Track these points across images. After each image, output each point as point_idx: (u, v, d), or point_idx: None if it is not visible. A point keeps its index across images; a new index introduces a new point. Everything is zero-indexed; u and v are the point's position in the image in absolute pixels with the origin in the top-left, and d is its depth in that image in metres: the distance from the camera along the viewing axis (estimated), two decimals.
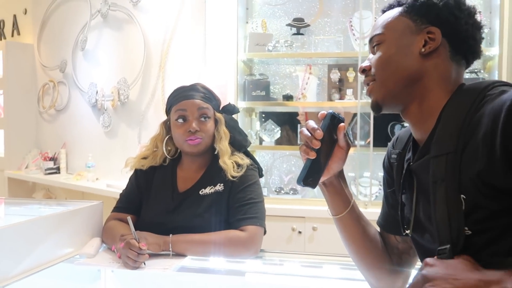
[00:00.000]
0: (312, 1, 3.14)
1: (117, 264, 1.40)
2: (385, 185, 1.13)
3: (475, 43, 0.93)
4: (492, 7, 2.75)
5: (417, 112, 0.94)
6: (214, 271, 1.43)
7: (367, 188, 2.80)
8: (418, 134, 0.96)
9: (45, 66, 4.58)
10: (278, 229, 2.58)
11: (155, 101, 3.53)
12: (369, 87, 0.99)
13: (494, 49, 2.58)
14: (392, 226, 1.10)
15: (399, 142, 1.07)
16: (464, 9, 0.92)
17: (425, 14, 0.93)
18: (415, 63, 0.92)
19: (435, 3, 0.92)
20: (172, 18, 3.40)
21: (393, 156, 1.07)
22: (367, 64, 0.99)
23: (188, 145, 1.61)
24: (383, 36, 0.96)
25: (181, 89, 1.69)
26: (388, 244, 1.12)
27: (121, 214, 1.64)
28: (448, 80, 0.92)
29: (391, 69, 0.95)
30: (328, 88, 3.09)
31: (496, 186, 0.74)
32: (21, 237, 1.27)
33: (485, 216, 0.77)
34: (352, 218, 1.07)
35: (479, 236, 0.78)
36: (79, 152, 4.18)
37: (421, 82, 0.92)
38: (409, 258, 1.10)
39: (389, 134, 2.83)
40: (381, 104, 0.97)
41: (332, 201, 1.06)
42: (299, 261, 1.43)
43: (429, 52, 0.91)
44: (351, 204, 1.06)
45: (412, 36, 0.93)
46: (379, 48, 0.97)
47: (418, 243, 0.98)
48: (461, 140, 0.81)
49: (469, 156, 0.79)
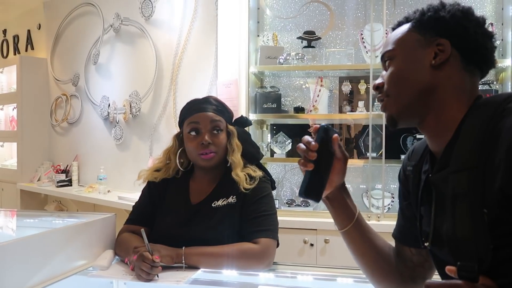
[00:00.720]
0: (323, 14, 3.15)
1: (130, 277, 1.40)
2: (401, 197, 1.12)
3: (486, 52, 0.94)
4: (504, 19, 2.74)
5: (434, 125, 0.94)
6: (227, 284, 1.42)
7: (379, 200, 2.78)
8: (435, 146, 0.96)
9: (58, 79, 4.65)
10: (290, 241, 2.56)
11: (167, 114, 3.56)
12: (383, 103, 1.00)
13: (507, 61, 2.57)
14: (407, 238, 1.10)
15: (415, 154, 1.06)
16: (472, 19, 0.93)
17: (433, 27, 0.94)
18: (427, 75, 0.93)
19: (442, 16, 0.93)
20: (183, 31, 3.44)
21: (408, 168, 1.06)
22: (380, 81, 1.00)
23: (201, 159, 1.61)
24: (394, 51, 0.98)
25: (194, 101, 1.70)
26: (403, 256, 1.11)
27: (134, 226, 1.64)
28: (462, 91, 0.92)
29: (403, 83, 0.95)
30: (339, 100, 3.09)
31: None
32: (35, 249, 1.27)
33: (507, 230, 0.76)
34: (358, 231, 1.08)
35: (500, 250, 0.76)
36: (91, 165, 4.21)
37: (435, 94, 0.92)
38: (423, 271, 1.09)
39: (401, 146, 2.82)
40: (396, 119, 0.98)
41: (337, 215, 1.08)
42: (312, 274, 1.41)
43: (440, 63, 0.92)
44: (356, 217, 1.07)
45: (422, 49, 0.94)
46: (390, 63, 0.98)
47: (437, 256, 0.97)
48: (483, 154, 0.80)
49: (491, 170, 0.78)
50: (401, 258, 1.11)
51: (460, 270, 0.75)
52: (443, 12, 0.93)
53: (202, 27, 3.37)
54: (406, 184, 1.09)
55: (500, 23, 2.80)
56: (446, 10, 0.93)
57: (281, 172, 3.24)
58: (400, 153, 2.80)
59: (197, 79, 3.38)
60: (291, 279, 1.43)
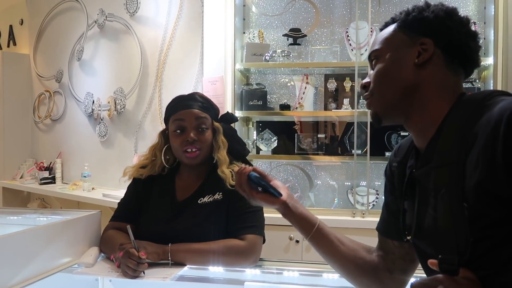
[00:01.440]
0: (309, 12, 3.16)
1: (116, 274, 1.39)
2: (387, 192, 1.15)
3: (469, 51, 0.96)
4: (487, 18, 2.78)
5: (418, 122, 0.97)
6: (213, 280, 1.42)
7: (364, 197, 2.81)
8: (420, 142, 0.98)
9: (41, 76, 4.58)
10: (276, 238, 2.57)
11: (152, 111, 3.54)
12: (368, 101, 1.03)
13: (489, 59, 2.61)
14: (390, 231, 1.13)
15: (401, 150, 1.09)
16: (455, 19, 0.95)
17: (417, 27, 0.97)
18: (410, 73, 0.95)
19: (426, 16, 0.96)
20: (169, 28, 3.42)
21: (394, 164, 1.09)
22: (367, 80, 1.04)
23: (186, 157, 1.61)
24: (380, 51, 1.01)
25: (179, 98, 1.69)
26: (385, 249, 1.15)
27: (120, 223, 1.63)
28: (446, 89, 0.94)
29: (388, 81, 0.98)
30: (325, 98, 3.10)
31: (497, 194, 0.75)
32: (18, 247, 1.25)
33: (486, 224, 0.77)
34: (323, 235, 1.14)
35: (480, 243, 0.78)
36: (75, 162, 4.17)
37: (419, 92, 0.95)
38: (403, 264, 1.12)
39: (385, 143, 2.85)
40: (381, 116, 1.01)
41: (299, 222, 1.15)
42: (298, 270, 1.42)
43: (423, 62, 0.95)
44: (317, 225, 1.14)
45: (407, 48, 0.97)
46: (377, 63, 1.01)
47: (420, 248, 0.99)
48: (463, 150, 0.82)
49: (470, 165, 0.80)
50: (383, 250, 1.15)
51: (441, 263, 0.77)
52: (427, 12, 0.96)
53: (187, 23, 3.35)
54: (392, 180, 1.11)
55: (482, 22, 2.84)
56: (430, 10, 0.96)
57: (267, 169, 3.25)
58: (384, 150, 2.82)
59: (182, 76, 3.36)
60: (277, 275, 1.44)
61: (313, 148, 3.00)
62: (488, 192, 0.76)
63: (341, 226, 2.54)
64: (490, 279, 0.77)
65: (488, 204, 0.77)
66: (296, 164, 3.17)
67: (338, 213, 2.76)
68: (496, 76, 2.52)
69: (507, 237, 0.76)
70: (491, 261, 0.77)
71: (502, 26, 2.50)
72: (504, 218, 0.76)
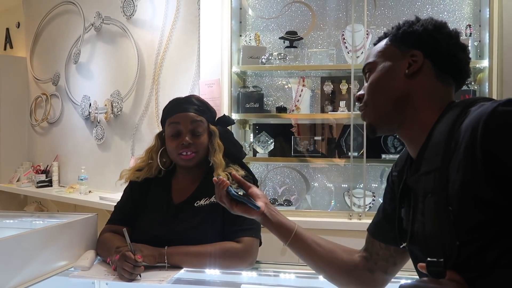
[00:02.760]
0: (305, 15, 3.17)
1: (112, 277, 1.39)
2: (387, 199, 1.17)
3: (458, 62, 0.99)
4: (482, 21, 2.80)
5: (410, 131, 1.00)
6: (210, 283, 1.43)
7: (360, 199, 2.81)
8: (412, 150, 1.02)
9: (38, 79, 4.58)
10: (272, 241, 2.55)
11: (149, 113, 3.54)
12: (363, 112, 1.07)
13: (485, 62, 2.62)
14: (380, 233, 1.17)
15: (400, 161, 1.12)
16: (443, 32, 0.99)
17: (407, 40, 1.01)
18: (401, 84, 0.99)
19: (415, 30, 1.00)
20: (166, 31, 3.43)
21: (394, 174, 1.13)
22: (361, 93, 1.08)
23: (181, 159, 1.62)
24: (373, 64, 1.05)
25: (175, 101, 1.70)
26: (370, 249, 1.18)
27: (116, 226, 1.63)
28: (436, 98, 0.97)
29: (380, 92, 1.02)
30: (321, 100, 3.11)
31: (479, 197, 0.77)
32: (15, 250, 1.26)
33: (471, 227, 0.79)
34: (301, 241, 1.19)
35: (467, 246, 0.79)
36: (72, 165, 4.17)
37: (409, 102, 0.98)
38: (385, 265, 1.16)
39: (382, 145, 2.85)
40: (375, 126, 1.05)
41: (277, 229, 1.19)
42: (294, 272, 1.43)
43: (413, 73, 0.98)
44: (295, 230, 1.19)
45: (398, 60, 1.01)
46: (370, 75, 1.06)
47: (414, 254, 1.01)
48: (446, 155, 0.85)
49: (453, 170, 0.82)
50: (368, 251, 1.19)
51: (428, 266, 0.79)
52: (417, 26, 1.00)
53: (184, 26, 3.36)
54: (393, 188, 1.13)
55: (477, 24, 2.85)
56: (420, 24, 1.00)
57: (263, 171, 3.25)
58: (381, 153, 2.83)
59: (179, 78, 3.37)
60: (274, 277, 1.45)
61: (310, 150, 3.01)
62: (471, 195, 0.78)
63: (337, 228, 2.54)
64: (478, 281, 0.78)
65: (472, 207, 0.78)
66: (293, 167, 3.17)
67: (335, 215, 2.76)
68: (491, 78, 2.54)
69: (492, 239, 0.77)
70: (478, 263, 0.78)
71: (497, 29, 2.52)
72: (489, 220, 0.77)
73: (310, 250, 1.19)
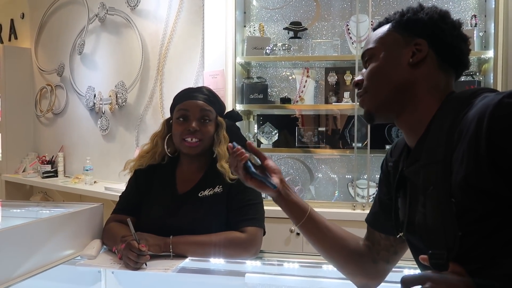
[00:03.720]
0: (309, 5, 3.16)
1: (118, 265, 1.41)
2: (382, 186, 1.17)
3: (460, 53, 0.98)
4: (487, 11, 2.78)
5: (409, 120, 0.99)
6: (214, 272, 1.45)
7: (364, 190, 2.82)
8: (411, 141, 1.01)
9: (43, 70, 4.59)
10: (276, 231, 2.58)
11: (153, 104, 3.55)
12: (361, 98, 1.05)
13: (490, 52, 2.61)
14: (378, 224, 1.17)
15: (396, 150, 1.11)
16: (448, 22, 0.98)
17: (412, 28, 0.99)
18: (404, 73, 0.97)
19: (420, 17, 0.98)
20: (170, 22, 3.42)
21: (389, 164, 1.12)
22: (360, 78, 1.05)
23: (184, 146, 1.62)
24: (374, 50, 1.03)
25: (187, 89, 1.71)
26: (371, 239, 1.18)
27: (121, 215, 1.64)
28: (437, 88, 0.96)
29: (381, 80, 1.00)
30: (325, 91, 3.11)
31: (482, 189, 0.77)
32: (22, 239, 1.27)
33: (473, 218, 0.79)
34: (312, 225, 1.16)
35: (468, 238, 0.80)
36: (77, 156, 4.19)
37: (411, 91, 0.97)
38: (386, 255, 1.16)
39: (386, 136, 2.85)
40: (373, 114, 1.03)
41: (290, 211, 1.17)
42: (298, 262, 1.44)
43: (417, 62, 0.97)
44: (308, 212, 1.15)
45: (401, 48, 0.98)
46: (370, 61, 1.03)
47: (412, 243, 1.02)
48: (449, 147, 0.84)
49: (456, 161, 0.81)
50: (370, 241, 1.18)
51: (431, 258, 0.79)
52: (421, 14, 0.98)
53: (188, 17, 3.36)
54: (388, 176, 1.13)
55: (483, 15, 2.83)
56: (424, 12, 0.98)
57: None
58: (385, 144, 2.83)
59: (183, 69, 3.37)
60: (278, 266, 1.46)
61: (314, 141, 3.01)
62: (474, 187, 0.78)
63: (341, 218, 2.55)
64: (480, 272, 0.78)
65: (475, 199, 0.78)
66: (297, 157, 3.18)
67: (339, 206, 2.77)
68: (496, 69, 2.53)
69: (494, 231, 0.77)
70: (480, 254, 0.79)
71: (502, 19, 2.50)
72: (491, 211, 0.77)
73: (321, 234, 1.17)
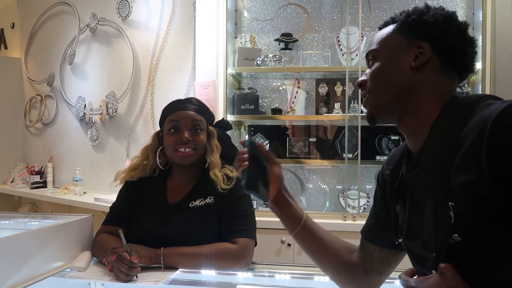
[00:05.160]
0: (300, 17, 3.19)
1: (108, 277, 1.40)
2: (377, 199, 1.17)
3: (465, 57, 0.97)
4: (475, 24, 2.82)
5: (411, 124, 0.98)
6: (205, 284, 1.44)
7: (355, 200, 2.83)
8: (413, 145, 1.00)
9: (33, 80, 4.57)
10: (267, 241, 2.58)
11: (144, 115, 3.54)
12: (365, 99, 1.04)
13: (478, 64, 2.64)
14: (373, 236, 1.16)
15: (393, 159, 1.10)
16: (453, 25, 0.96)
17: (416, 30, 0.97)
18: (406, 76, 0.96)
19: (425, 20, 0.96)
20: (161, 32, 3.43)
21: (386, 172, 1.11)
22: (364, 78, 1.04)
23: (178, 156, 1.62)
24: (377, 51, 1.02)
25: (176, 101, 1.72)
26: (365, 251, 1.17)
27: (112, 227, 1.63)
28: (439, 92, 0.96)
29: (384, 82, 0.99)
30: (316, 102, 3.13)
31: (482, 195, 0.77)
32: (11, 251, 1.26)
33: (474, 223, 0.79)
34: (307, 233, 1.16)
35: (469, 243, 0.80)
36: (67, 166, 4.16)
37: (413, 95, 0.96)
38: (379, 266, 1.15)
39: (376, 147, 2.87)
40: (375, 116, 1.02)
41: (285, 219, 1.16)
42: (289, 273, 1.44)
43: (419, 65, 0.95)
44: (303, 220, 1.15)
45: (404, 51, 0.97)
46: (374, 62, 1.02)
47: (411, 250, 1.01)
48: (450, 151, 0.84)
49: (458, 166, 0.81)
50: (363, 252, 1.18)
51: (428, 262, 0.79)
52: (427, 16, 0.97)
53: (180, 28, 3.37)
54: (383, 187, 1.13)
55: (471, 27, 2.87)
56: (430, 14, 0.97)
57: None
58: (375, 154, 2.85)
59: (174, 80, 3.38)
60: (269, 278, 1.45)
61: (305, 152, 3.02)
62: (475, 193, 0.78)
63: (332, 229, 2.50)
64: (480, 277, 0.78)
65: (475, 205, 0.78)
66: (288, 168, 3.18)
67: (330, 216, 2.77)
68: (485, 80, 2.56)
69: (494, 237, 0.77)
70: (481, 260, 0.79)
71: (490, 32, 2.54)
72: (490, 217, 0.77)
73: (314, 244, 1.17)
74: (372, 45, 1.04)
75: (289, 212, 1.16)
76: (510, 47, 2.52)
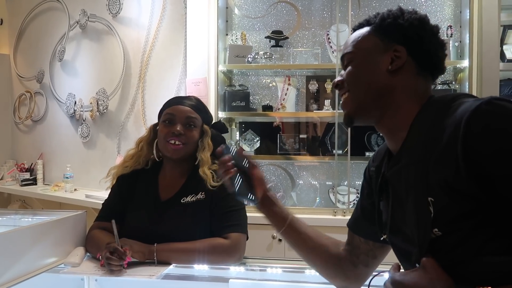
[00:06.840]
0: (290, 14, 3.21)
1: (101, 272, 1.41)
2: (364, 194, 1.20)
3: (438, 60, 1.01)
4: (462, 22, 2.86)
5: (390, 124, 1.00)
6: (198, 278, 1.46)
7: (345, 196, 2.87)
8: (392, 144, 1.03)
9: (22, 76, 4.54)
10: (259, 237, 2.60)
11: (135, 111, 3.54)
12: (343, 100, 1.06)
13: (465, 62, 2.69)
14: (359, 229, 1.20)
15: (378, 156, 1.13)
16: (428, 29, 0.99)
17: (392, 34, 0.99)
18: (383, 79, 0.98)
19: (401, 23, 0.99)
20: (152, 29, 3.43)
21: (371, 169, 1.14)
22: (340, 79, 1.06)
23: (168, 149, 1.64)
24: (353, 54, 1.03)
25: (176, 97, 1.77)
26: (352, 243, 1.21)
27: (104, 223, 1.64)
28: (416, 94, 0.98)
29: (360, 84, 1.01)
30: (306, 99, 3.16)
31: (460, 190, 0.80)
32: (4, 247, 1.27)
33: (452, 217, 0.82)
34: (293, 231, 1.22)
35: (449, 237, 0.83)
36: (57, 163, 4.14)
37: (390, 97, 0.98)
38: (366, 259, 1.19)
39: (365, 143, 2.91)
40: (352, 117, 1.04)
41: (272, 218, 1.22)
42: (281, 267, 1.46)
43: (396, 69, 0.98)
44: (289, 219, 1.21)
45: (380, 54, 0.99)
46: (349, 65, 1.04)
47: (395, 245, 1.04)
48: (429, 149, 0.87)
49: (436, 163, 0.84)
50: (350, 245, 1.21)
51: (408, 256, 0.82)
52: (402, 19, 0.99)
53: (170, 25, 3.37)
54: (370, 183, 1.16)
55: (458, 25, 2.92)
56: (405, 18, 0.99)
57: None
58: (364, 150, 2.88)
59: (165, 77, 3.38)
60: (261, 272, 1.48)
61: (295, 148, 3.05)
62: (453, 188, 0.80)
63: (322, 224, 2.58)
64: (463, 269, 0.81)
65: (454, 200, 0.81)
66: (279, 164, 3.21)
67: (320, 212, 2.81)
68: (471, 78, 2.60)
69: (474, 229, 0.80)
70: (462, 252, 0.81)
71: (476, 30, 2.58)
72: (470, 211, 0.80)
73: (301, 241, 1.22)
74: (347, 47, 1.05)
75: (275, 211, 1.21)
76: (496, 45, 2.57)
